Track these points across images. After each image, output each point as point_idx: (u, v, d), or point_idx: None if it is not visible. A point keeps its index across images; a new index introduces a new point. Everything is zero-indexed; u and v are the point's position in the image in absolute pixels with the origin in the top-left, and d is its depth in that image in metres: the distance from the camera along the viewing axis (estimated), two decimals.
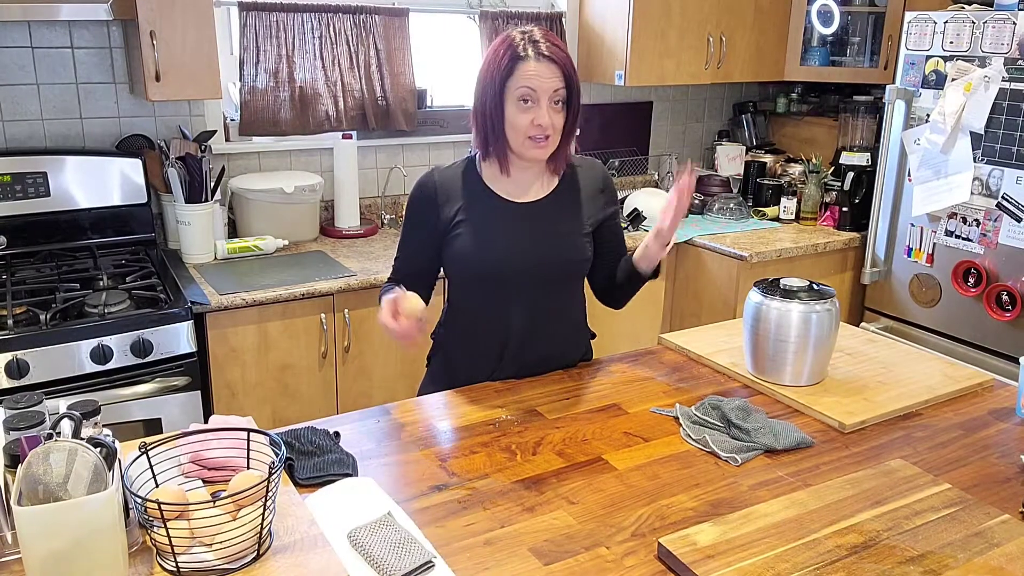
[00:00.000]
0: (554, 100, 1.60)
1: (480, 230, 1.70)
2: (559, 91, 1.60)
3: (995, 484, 1.39)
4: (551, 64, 1.58)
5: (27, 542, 0.96)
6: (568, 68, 1.61)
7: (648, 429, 1.56)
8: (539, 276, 1.72)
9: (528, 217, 1.72)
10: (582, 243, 1.76)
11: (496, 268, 1.70)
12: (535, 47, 1.58)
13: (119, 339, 2.15)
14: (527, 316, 1.74)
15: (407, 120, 3.12)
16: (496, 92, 1.61)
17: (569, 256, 1.74)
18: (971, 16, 2.71)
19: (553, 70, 1.58)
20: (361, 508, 1.24)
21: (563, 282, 1.77)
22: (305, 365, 2.52)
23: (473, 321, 1.77)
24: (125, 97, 2.72)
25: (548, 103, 1.59)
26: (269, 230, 2.83)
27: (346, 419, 1.59)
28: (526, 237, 1.70)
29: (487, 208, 1.71)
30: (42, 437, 1.04)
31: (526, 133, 1.61)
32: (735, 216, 3.43)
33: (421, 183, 1.74)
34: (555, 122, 1.62)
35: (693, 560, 1.13)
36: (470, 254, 1.70)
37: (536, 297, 1.73)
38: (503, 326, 1.74)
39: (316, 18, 2.88)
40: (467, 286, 1.77)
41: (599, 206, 1.79)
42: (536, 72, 1.58)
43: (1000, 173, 2.68)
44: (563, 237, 1.73)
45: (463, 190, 1.72)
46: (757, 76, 3.52)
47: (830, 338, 1.70)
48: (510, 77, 1.59)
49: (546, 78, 1.58)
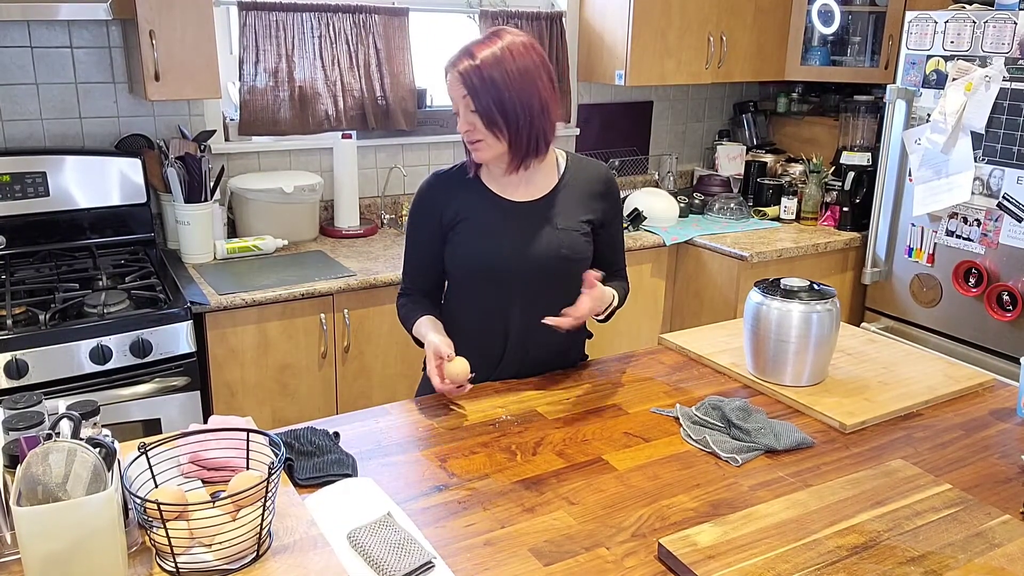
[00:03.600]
0: (469, 107, 1.64)
1: (480, 230, 1.71)
2: (466, 98, 1.63)
3: (996, 484, 1.39)
4: (454, 73, 1.64)
5: (26, 542, 0.96)
6: (467, 74, 1.62)
7: (648, 429, 1.56)
8: (539, 274, 1.72)
9: (527, 216, 1.72)
10: (581, 241, 1.75)
11: (496, 267, 1.70)
12: (449, 62, 1.65)
13: (118, 339, 2.15)
14: (527, 315, 1.74)
15: (407, 120, 3.12)
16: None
17: (567, 254, 1.73)
18: (972, 16, 2.71)
19: (454, 78, 1.64)
20: (361, 508, 1.24)
21: (562, 280, 1.76)
22: (305, 365, 2.52)
23: (473, 321, 1.77)
24: (124, 97, 2.72)
25: (465, 111, 1.65)
26: (269, 230, 2.83)
27: (346, 419, 1.58)
28: (525, 236, 1.71)
29: (486, 208, 1.72)
30: (41, 437, 1.03)
31: (466, 140, 1.69)
32: (735, 216, 3.42)
33: (421, 190, 1.78)
34: (476, 125, 1.65)
35: (693, 561, 1.13)
36: (470, 253, 1.71)
37: (536, 296, 1.73)
38: (503, 326, 1.75)
39: (316, 18, 2.88)
40: (467, 285, 1.77)
41: (599, 208, 1.78)
42: (448, 86, 1.66)
43: (1001, 173, 2.68)
44: (562, 234, 1.73)
45: (463, 191, 1.74)
46: (758, 76, 3.51)
47: (831, 338, 1.70)
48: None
49: (454, 87, 1.65)
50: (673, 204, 3.32)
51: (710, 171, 3.80)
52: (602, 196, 1.79)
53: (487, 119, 1.63)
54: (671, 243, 3.15)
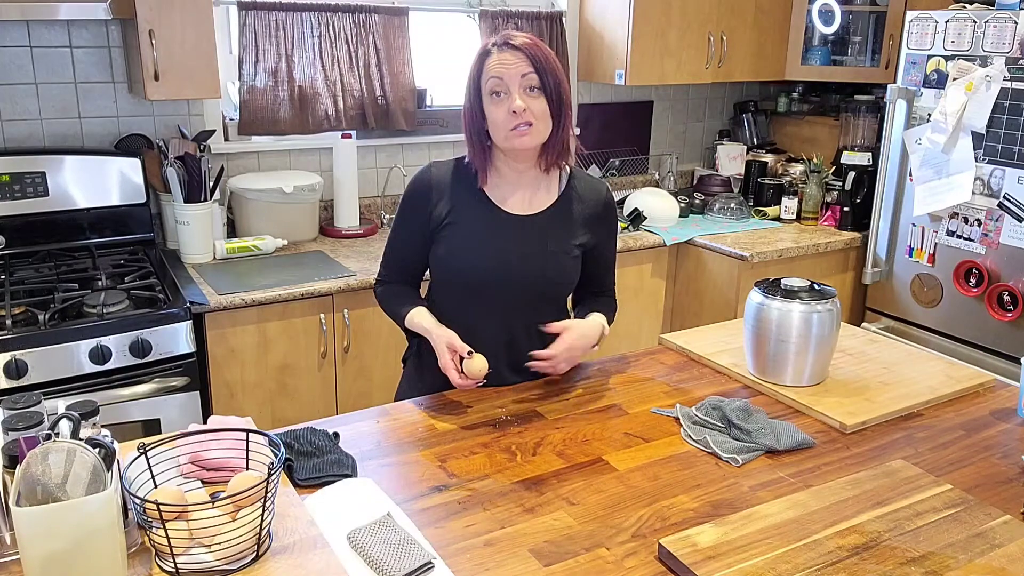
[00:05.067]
0: (526, 87, 1.56)
1: (468, 235, 1.66)
2: (528, 76, 1.56)
3: (996, 485, 1.39)
4: (514, 51, 1.56)
5: (26, 543, 0.96)
6: (535, 52, 1.57)
7: (649, 430, 1.56)
8: (520, 293, 1.68)
9: (519, 230, 1.67)
10: (570, 264, 1.71)
11: (476, 277, 1.66)
12: (501, 40, 1.58)
13: (118, 339, 2.15)
14: (501, 330, 1.70)
15: (407, 120, 3.12)
16: (473, 95, 1.61)
17: (553, 277, 1.69)
18: (972, 15, 2.71)
19: (518, 56, 1.56)
20: (360, 509, 1.24)
21: (543, 302, 1.72)
22: (304, 365, 2.51)
23: (449, 324, 1.66)
24: (124, 96, 2.72)
25: (520, 90, 1.56)
26: (268, 230, 2.83)
27: (345, 419, 1.58)
28: (514, 250, 1.66)
29: (478, 213, 1.67)
30: (40, 438, 1.03)
31: (507, 126, 1.58)
32: (736, 216, 3.42)
33: (417, 178, 1.71)
34: (532, 107, 1.57)
35: (694, 561, 1.12)
36: (453, 258, 1.66)
37: (513, 313, 1.70)
38: (475, 337, 1.64)
39: (315, 17, 2.87)
40: (445, 289, 1.73)
41: (595, 231, 1.74)
42: (500, 60, 1.56)
43: (1001, 173, 2.67)
44: (551, 256, 1.68)
45: (458, 190, 1.68)
46: (758, 75, 3.51)
47: (831, 338, 1.69)
48: (480, 75, 1.59)
49: (511, 64, 1.55)
50: (673, 204, 3.32)
51: (710, 171, 3.80)
52: (600, 219, 1.75)
53: (553, 97, 1.58)
54: (671, 243, 3.14)
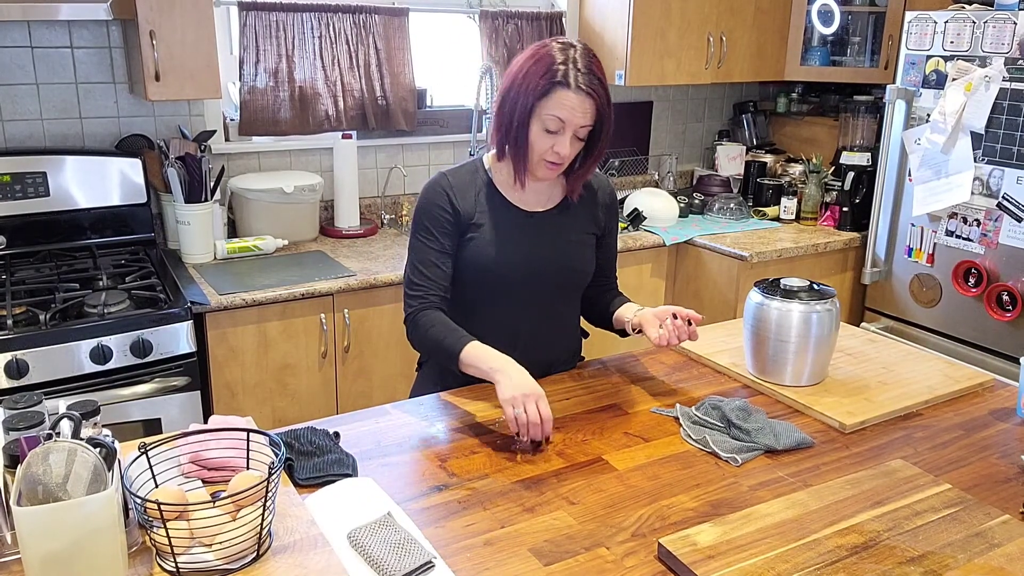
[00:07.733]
0: (579, 134, 1.59)
1: (494, 237, 1.68)
2: (586, 127, 1.58)
3: (995, 484, 1.39)
4: (587, 99, 1.54)
5: (26, 542, 0.96)
6: (602, 103, 1.57)
7: (648, 429, 1.56)
8: (548, 284, 1.73)
9: (539, 226, 1.72)
10: (588, 253, 1.78)
11: (509, 275, 1.69)
12: (576, 77, 1.53)
13: (118, 339, 2.15)
14: (534, 322, 1.75)
15: (407, 120, 3.12)
16: (526, 109, 1.57)
17: (577, 266, 1.76)
18: (971, 16, 2.71)
19: (587, 106, 1.55)
20: (361, 508, 1.24)
21: (569, 290, 1.79)
22: (305, 365, 2.52)
23: (478, 326, 1.69)
24: (125, 97, 2.72)
25: (572, 135, 1.58)
26: (269, 230, 2.83)
27: (346, 419, 1.58)
28: (538, 245, 1.71)
29: (501, 215, 1.70)
30: (41, 437, 1.03)
31: (542, 155, 1.60)
32: (735, 216, 3.42)
33: (434, 190, 1.68)
34: (572, 152, 1.62)
35: (693, 560, 1.13)
36: (485, 260, 1.68)
37: (543, 304, 1.75)
38: (510, 332, 1.72)
39: (316, 18, 2.88)
40: (477, 291, 1.73)
41: (603, 219, 1.81)
42: (571, 105, 1.54)
43: (1001, 173, 2.68)
44: (572, 247, 1.75)
45: (477, 194, 1.70)
46: (757, 76, 3.51)
47: (830, 338, 1.70)
48: (544, 99, 1.55)
49: (579, 113, 1.54)
50: (673, 204, 3.32)
51: (710, 171, 3.80)
52: (608, 208, 1.82)
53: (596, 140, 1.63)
54: (671, 243, 3.15)
